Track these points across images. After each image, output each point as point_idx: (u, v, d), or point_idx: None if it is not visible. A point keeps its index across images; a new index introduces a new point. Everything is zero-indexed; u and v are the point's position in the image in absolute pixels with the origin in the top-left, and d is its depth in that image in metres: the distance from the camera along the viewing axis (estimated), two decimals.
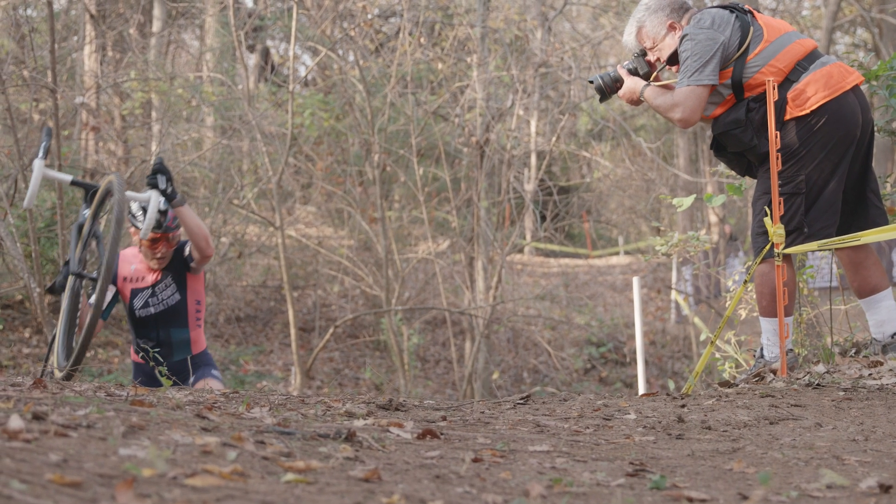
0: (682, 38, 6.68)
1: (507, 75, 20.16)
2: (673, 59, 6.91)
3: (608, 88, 7.04)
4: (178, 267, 8.15)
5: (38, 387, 4.75)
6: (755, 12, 6.82)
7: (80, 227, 7.28)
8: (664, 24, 6.88)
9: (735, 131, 6.64)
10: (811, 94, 6.48)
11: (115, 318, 20.24)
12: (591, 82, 7.10)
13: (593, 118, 25.43)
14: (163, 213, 7.71)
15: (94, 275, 6.80)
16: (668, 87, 6.89)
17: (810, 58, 6.63)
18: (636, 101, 7.00)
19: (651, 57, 6.99)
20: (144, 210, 7.80)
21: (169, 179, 7.38)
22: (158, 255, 8.01)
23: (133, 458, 2.99)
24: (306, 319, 22.50)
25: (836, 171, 6.55)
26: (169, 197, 7.42)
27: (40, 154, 7.12)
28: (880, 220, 6.83)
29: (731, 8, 6.79)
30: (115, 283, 8.13)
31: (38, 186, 7.08)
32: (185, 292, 8.15)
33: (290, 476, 3.10)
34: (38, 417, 3.43)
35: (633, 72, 7.00)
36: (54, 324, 10.55)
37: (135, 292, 8.10)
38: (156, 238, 7.92)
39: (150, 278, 8.13)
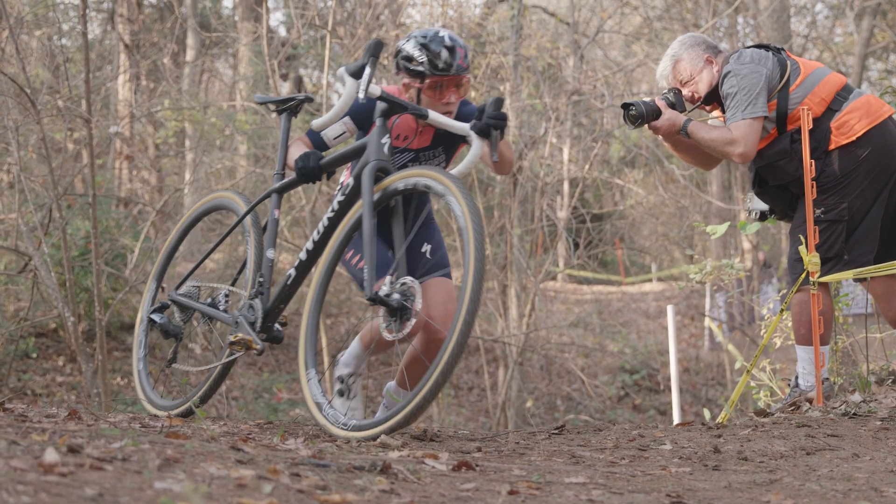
0: (726, 75, 6.70)
1: (539, 103, 20.15)
2: (710, 97, 6.91)
3: (648, 116, 6.96)
4: (453, 140, 6.41)
5: (73, 418, 4.76)
6: (787, 51, 6.86)
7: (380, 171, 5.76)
8: (701, 58, 6.91)
9: (780, 163, 6.67)
10: (855, 121, 6.51)
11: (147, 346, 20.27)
12: (630, 106, 6.94)
13: (626, 145, 25.40)
14: (450, 49, 6.08)
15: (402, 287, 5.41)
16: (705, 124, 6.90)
17: (847, 88, 6.66)
18: (673, 134, 6.94)
19: (686, 92, 6.98)
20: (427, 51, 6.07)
21: (502, 133, 5.82)
22: (445, 103, 6.13)
23: (169, 492, 2.99)
24: (339, 347, 22.47)
25: (878, 199, 6.57)
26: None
27: (364, 77, 5.72)
28: None
29: (765, 47, 6.83)
30: (358, 123, 6.29)
31: (342, 112, 5.96)
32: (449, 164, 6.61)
33: None
34: (73, 450, 3.43)
35: (671, 105, 6.98)
36: (89, 354, 10.37)
37: (390, 149, 6.00)
38: (439, 83, 6.12)
39: (417, 141, 6.39)
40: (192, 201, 22.91)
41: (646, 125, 6.97)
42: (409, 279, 5.40)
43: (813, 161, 6.52)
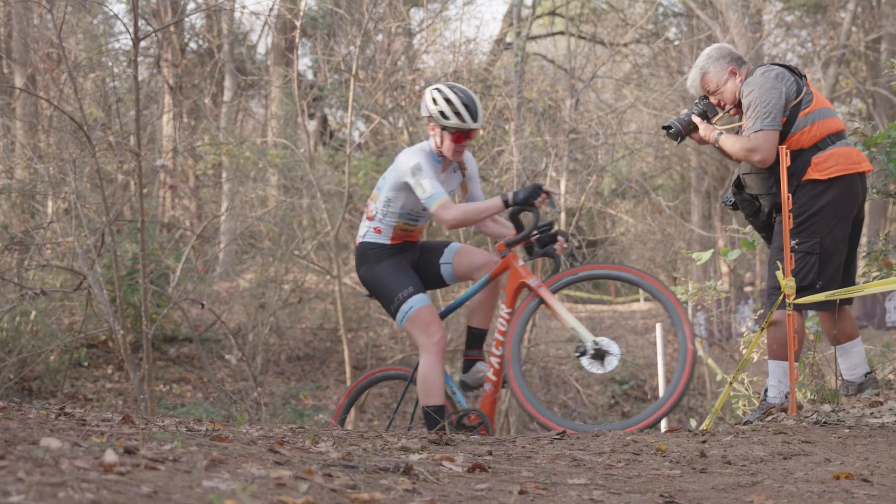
0: (747, 85, 6.72)
1: (540, 140, 20.18)
2: (735, 103, 6.95)
3: (685, 131, 7.07)
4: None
5: (127, 422, 4.76)
6: (808, 81, 6.89)
7: None
8: (726, 70, 6.96)
9: (761, 174, 6.69)
10: (832, 164, 6.55)
11: (188, 356, 20.30)
12: (669, 128, 7.07)
13: (617, 179, 25.43)
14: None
15: None
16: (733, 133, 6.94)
17: (839, 135, 6.72)
18: (708, 142, 7.02)
19: (713, 100, 7.04)
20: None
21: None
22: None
23: (216, 490, 2.99)
24: (359, 358, 22.43)
25: (843, 238, 6.64)
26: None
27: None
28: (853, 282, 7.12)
29: (790, 68, 6.84)
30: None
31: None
32: None
33: None
34: (129, 452, 3.43)
35: (703, 115, 7.03)
36: (136, 363, 10.34)
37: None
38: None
39: None
40: (227, 227, 22.99)
41: (687, 137, 7.14)
42: None
43: (790, 196, 6.53)
